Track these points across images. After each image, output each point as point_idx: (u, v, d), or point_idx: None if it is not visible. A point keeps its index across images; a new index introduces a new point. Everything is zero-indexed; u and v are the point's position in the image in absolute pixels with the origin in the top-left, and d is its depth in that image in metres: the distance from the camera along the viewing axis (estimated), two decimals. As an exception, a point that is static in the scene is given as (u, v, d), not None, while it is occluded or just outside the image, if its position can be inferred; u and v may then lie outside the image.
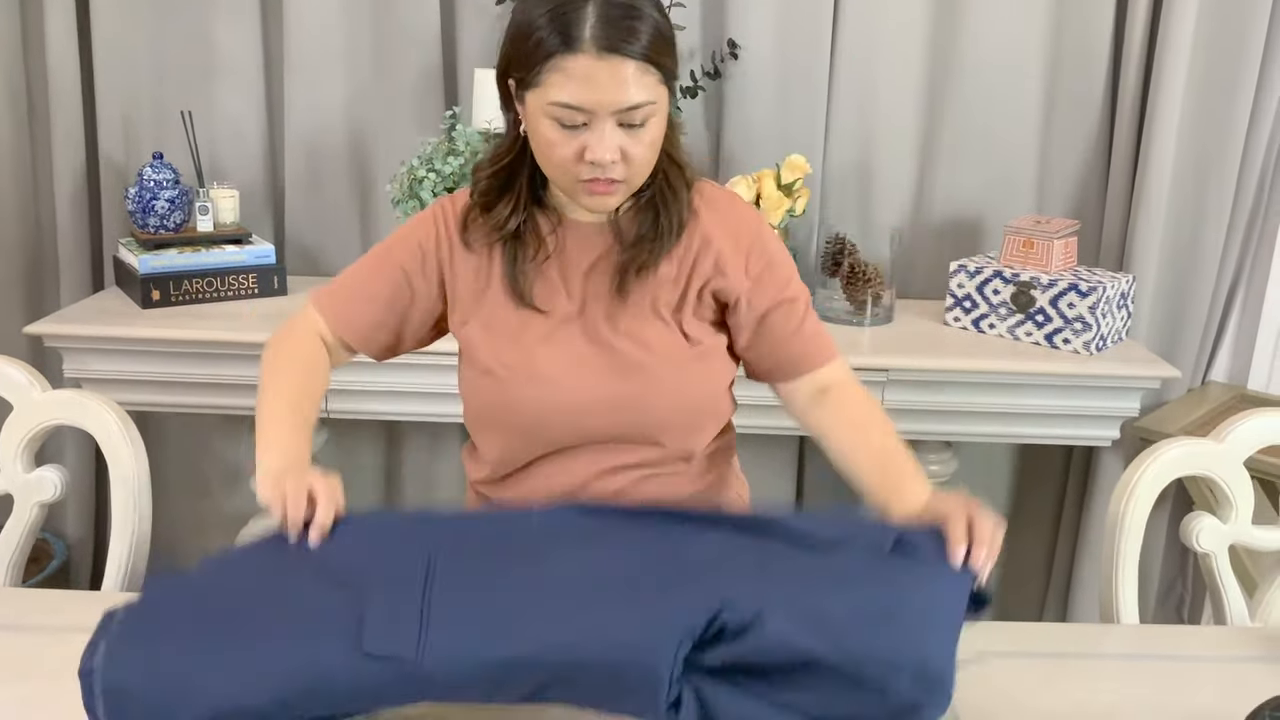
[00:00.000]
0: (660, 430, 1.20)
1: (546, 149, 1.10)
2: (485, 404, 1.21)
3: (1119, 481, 1.36)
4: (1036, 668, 1.17)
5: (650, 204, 1.18)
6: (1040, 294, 1.97)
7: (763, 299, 1.22)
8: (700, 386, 1.22)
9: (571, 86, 1.05)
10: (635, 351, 1.18)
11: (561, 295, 1.19)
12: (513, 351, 1.18)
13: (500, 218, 1.18)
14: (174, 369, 1.91)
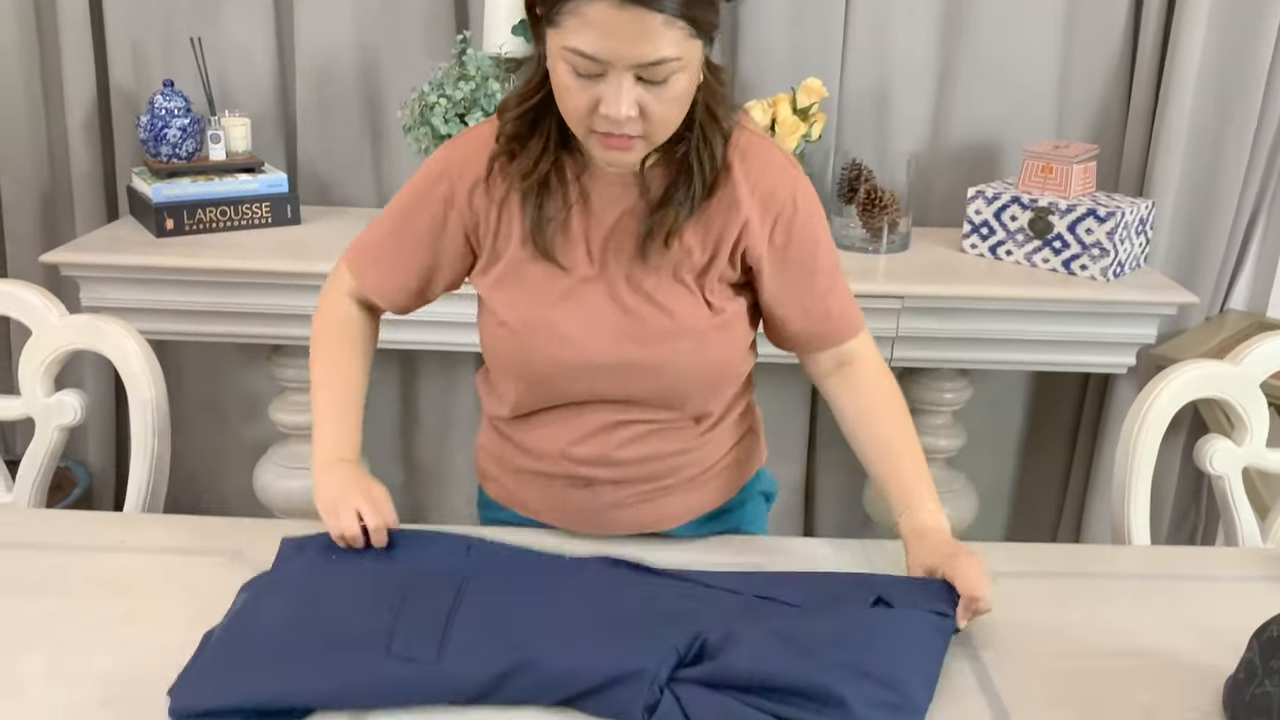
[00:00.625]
0: (677, 396, 1.18)
1: (561, 94, 1.04)
2: (501, 353, 1.19)
3: (1134, 403, 1.36)
4: (1047, 587, 1.18)
5: (683, 160, 1.10)
6: (1058, 219, 1.95)
7: (786, 270, 1.17)
8: (720, 354, 1.18)
9: (588, 34, 0.97)
10: (656, 317, 1.13)
11: (582, 251, 1.14)
12: (530, 307, 1.15)
13: (529, 162, 1.11)
14: (189, 297, 1.92)
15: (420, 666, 0.97)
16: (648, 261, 1.13)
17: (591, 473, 1.21)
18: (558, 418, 1.20)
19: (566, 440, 1.21)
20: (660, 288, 1.14)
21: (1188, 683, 1.03)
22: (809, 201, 1.17)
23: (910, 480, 1.17)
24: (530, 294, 1.15)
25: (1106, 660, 1.06)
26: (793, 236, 1.15)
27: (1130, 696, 1.01)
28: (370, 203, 2.24)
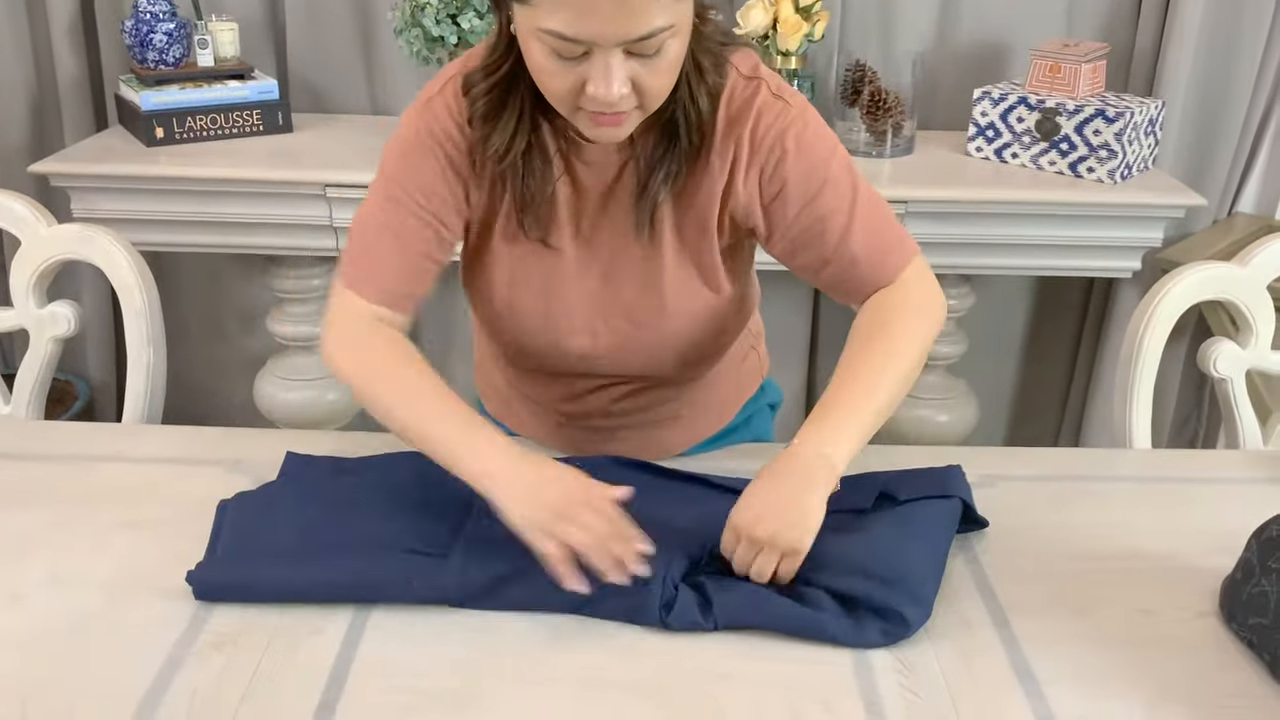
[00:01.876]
0: (672, 368, 1.15)
1: (540, 75, 0.92)
2: (488, 329, 1.15)
3: (1139, 305, 1.34)
4: (1048, 490, 1.18)
5: (670, 123, 0.99)
6: (1065, 121, 1.91)
7: (789, 220, 1.03)
8: (717, 327, 1.12)
9: (566, 14, 0.85)
10: (649, 297, 1.07)
11: (570, 229, 1.06)
12: (519, 290, 1.08)
13: (503, 141, 0.99)
14: (182, 207, 1.89)
15: (431, 558, 0.98)
16: (640, 235, 1.04)
17: (586, 421, 1.20)
18: (550, 378, 1.18)
19: (559, 396, 1.19)
20: (654, 264, 1.06)
21: (1186, 583, 1.03)
22: (805, 138, 1.02)
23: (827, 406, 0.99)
24: (518, 276, 1.08)
25: (1105, 562, 1.06)
26: (788, 181, 1.02)
27: (1128, 597, 1.01)
28: (363, 109, 2.19)
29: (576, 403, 1.19)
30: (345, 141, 2.00)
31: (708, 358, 1.18)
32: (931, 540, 1.03)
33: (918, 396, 2.15)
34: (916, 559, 0.99)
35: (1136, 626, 0.98)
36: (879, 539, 1.01)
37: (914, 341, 1.03)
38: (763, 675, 0.91)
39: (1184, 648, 0.95)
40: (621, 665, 0.92)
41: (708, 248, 1.06)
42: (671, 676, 0.91)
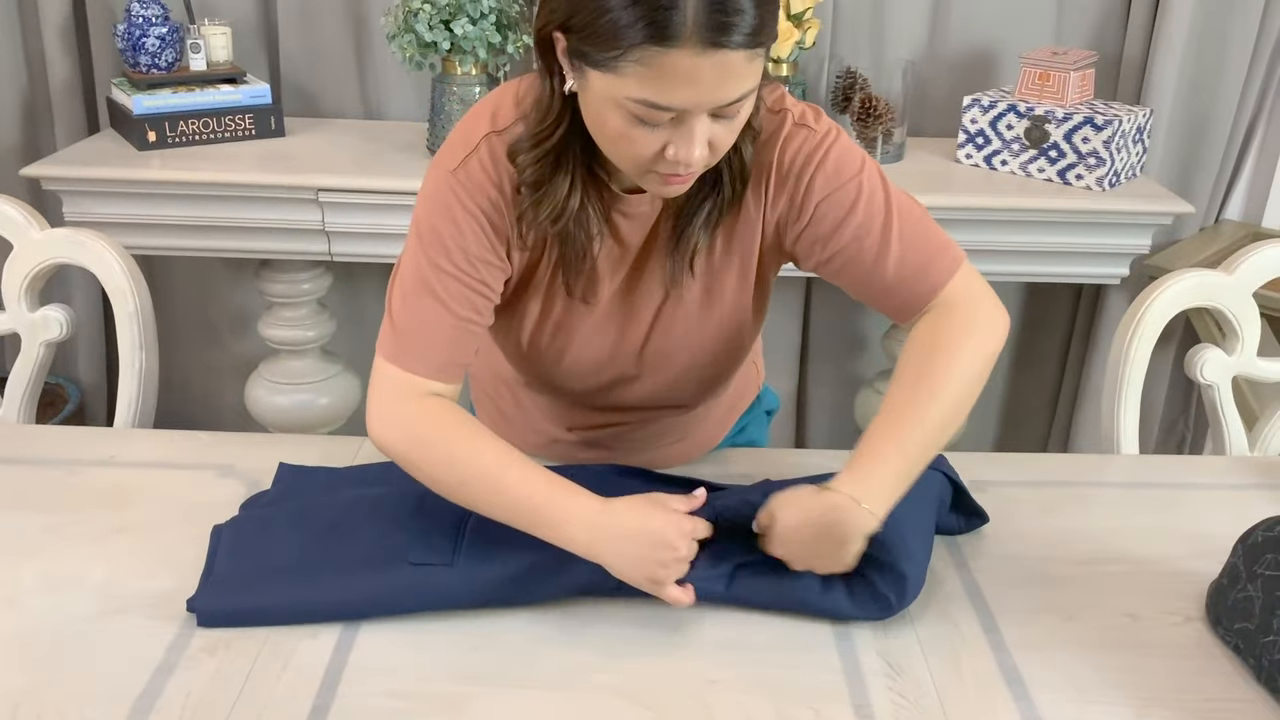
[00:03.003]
0: (690, 397, 1.17)
1: (617, 141, 0.89)
2: (507, 353, 1.15)
3: (1127, 311, 1.35)
4: (1037, 495, 1.19)
5: (712, 171, 0.98)
6: (1054, 128, 1.92)
7: (824, 249, 1.01)
8: (739, 357, 1.14)
9: (662, 85, 0.82)
10: (683, 340, 1.07)
11: (609, 284, 1.05)
12: (551, 337, 1.08)
13: (556, 205, 0.96)
14: (174, 211, 1.89)
15: (438, 570, 0.99)
16: (675, 283, 1.03)
17: (589, 439, 1.21)
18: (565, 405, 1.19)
19: (568, 421, 1.20)
20: (689, 308, 1.06)
21: (1172, 588, 1.04)
22: (831, 160, 1.00)
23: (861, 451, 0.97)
24: (553, 324, 1.07)
25: (1093, 567, 1.07)
26: (818, 205, 1.00)
27: (1116, 602, 1.02)
28: (356, 113, 2.19)
29: (585, 430, 1.20)
30: (338, 146, 2.00)
31: (725, 382, 1.19)
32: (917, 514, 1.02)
33: (908, 402, 2.16)
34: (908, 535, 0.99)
35: (1124, 631, 0.99)
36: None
37: (961, 373, 0.99)
38: (752, 680, 0.92)
39: (1170, 652, 0.96)
40: (613, 670, 0.92)
41: (744, 287, 1.06)
42: (662, 681, 0.91)
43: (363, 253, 1.94)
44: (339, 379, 2.18)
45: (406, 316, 1.00)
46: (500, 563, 0.98)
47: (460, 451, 0.98)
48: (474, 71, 1.92)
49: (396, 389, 1.00)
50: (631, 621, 0.98)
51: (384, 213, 1.86)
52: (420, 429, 0.99)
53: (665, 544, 0.92)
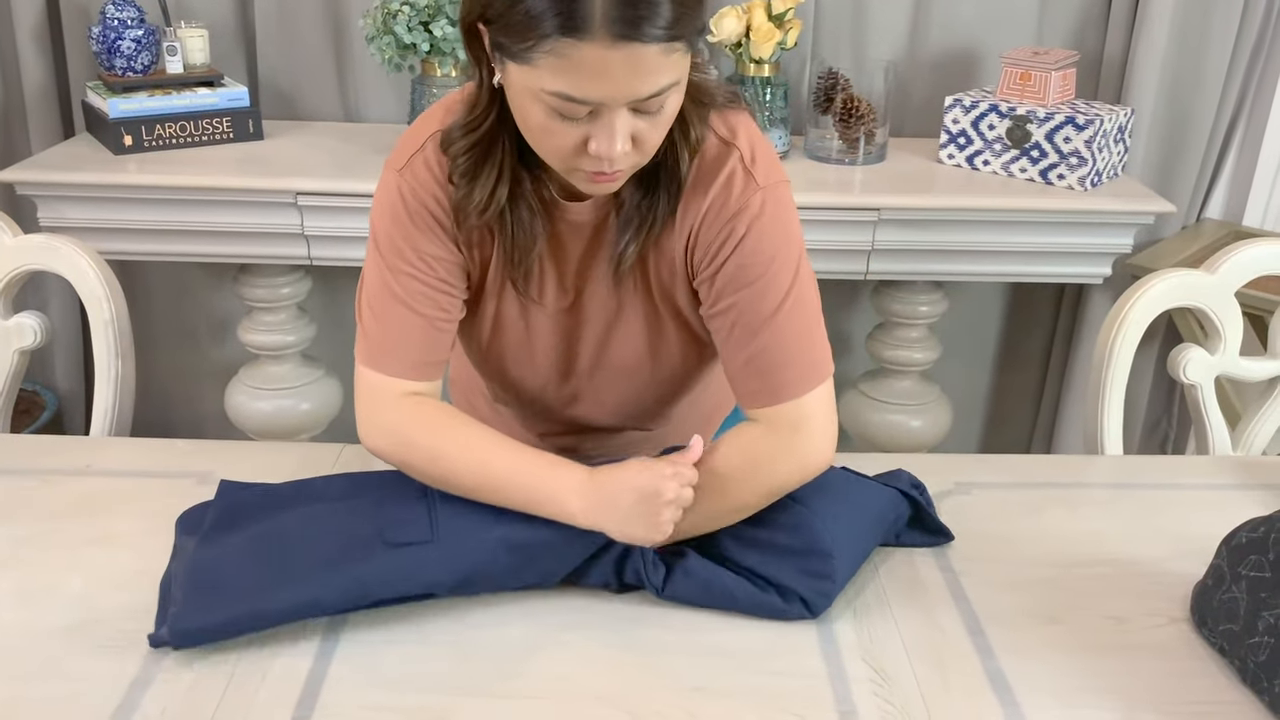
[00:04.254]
0: (653, 411, 1.16)
1: (539, 134, 0.89)
2: (471, 357, 1.15)
3: (1110, 311, 1.35)
4: (1021, 497, 1.18)
5: (651, 174, 0.97)
6: (1036, 128, 1.92)
7: (724, 302, 0.99)
8: (699, 370, 1.13)
9: (574, 77, 0.82)
10: (631, 346, 1.07)
11: (554, 283, 1.04)
12: (503, 338, 1.08)
13: (482, 198, 0.96)
14: (151, 216, 1.87)
15: (419, 549, 0.96)
16: (619, 286, 1.03)
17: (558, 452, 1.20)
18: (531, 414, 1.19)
19: (537, 432, 1.20)
20: (634, 313, 1.05)
21: (1157, 589, 1.04)
22: (756, 229, 0.97)
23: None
24: (504, 324, 1.07)
25: (1078, 569, 1.07)
26: (724, 266, 0.98)
27: (1101, 604, 1.02)
28: (335, 116, 2.18)
29: (557, 437, 1.20)
30: (317, 149, 1.99)
31: (689, 397, 1.18)
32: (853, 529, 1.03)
33: (890, 402, 2.16)
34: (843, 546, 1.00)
35: (1109, 634, 0.98)
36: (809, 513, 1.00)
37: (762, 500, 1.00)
38: (737, 687, 0.91)
39: (1156, 655, 0.96)
40: (595, 678, 0.92)
41: (683, 294, 1.04)
42: (645, 689, 0.90)
43: (342, 256, 1.92)
44: (320, 384, 2.16)
45: (374, 322, 1.01)
46: (479, 536, 0.97)
47: (446, 446, 0.99)
48: (453, 73, 1.91)
49: (377, 394, 1.02)
50: (615, 628, 0.97)
51: (364, 216, 1.80)
52: (405, 430, 1.00)
53: (654, 494, 0.93)
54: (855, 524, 1.03)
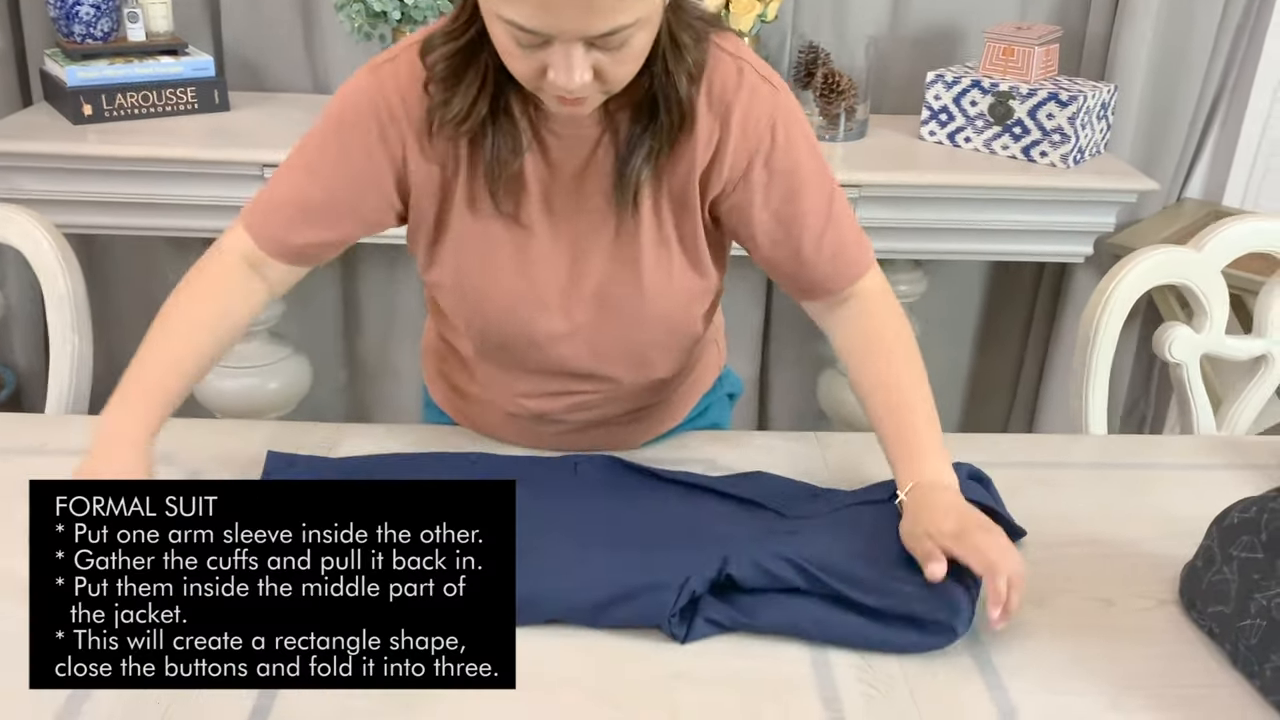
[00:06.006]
0: (639, 364, 1.11)
1: (505, 56, 0.89)
2: (450, 314, 1.10)
3: (1095, 289, 1.33)
4: (1004, 477, 1.15)
5: (649, 99, 0.95)
6: (1019, 104, 1.89)
7: (769, 213, 1.01)
8: (694, 316, 1.09)
9: (525, 9, 0.82)
10: (626, 279, 1.02)
11: (539, 205, 1.01)
12: (482, 273, 1.02)
13: (464, 105, 0.94)
14: (113, 189, 1.81)
15: None
16: (620, 214, 1.00)
17: (544, 417, 1.16)
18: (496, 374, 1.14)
19: (520, 392, 1.14)
20: (630, 243, 1.01)
21: (1145, 571, 1.02)
22: (790, 128, 1.00)
23: (920, 437, 1.01)
24: (481, 256, 1.02)
25: (1063, 550, 1.05)
26: (774, 174, 1.00)
27: (1087, 587, 1.00)
28: (303, 87, 2.12)
29: (535, 399, 1.14)
30: (284, 120, 1.93)
31: (683, 349, 1.14)
32: None
33: (871, 382, 2.14)
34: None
35: (1097, 616, 0.96)
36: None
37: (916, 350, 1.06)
38: (718, 673, 0.88)
39: (1145, 637, 0.94)
40: (570, 665, 0.89)
41: (689, 226, 1.03)
42: (623, 676, 0.87)
43: (311, 231, 1.87)
44: (288, 363, 2.11)
45: (272, 189, 1.03)
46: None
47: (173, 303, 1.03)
48: (426, 43, 1.85)
49: (229, 242, 1.03)
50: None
51: (333, 190, 1.80)
52: (193, 276, 1.04)
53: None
54: None
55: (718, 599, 0.93)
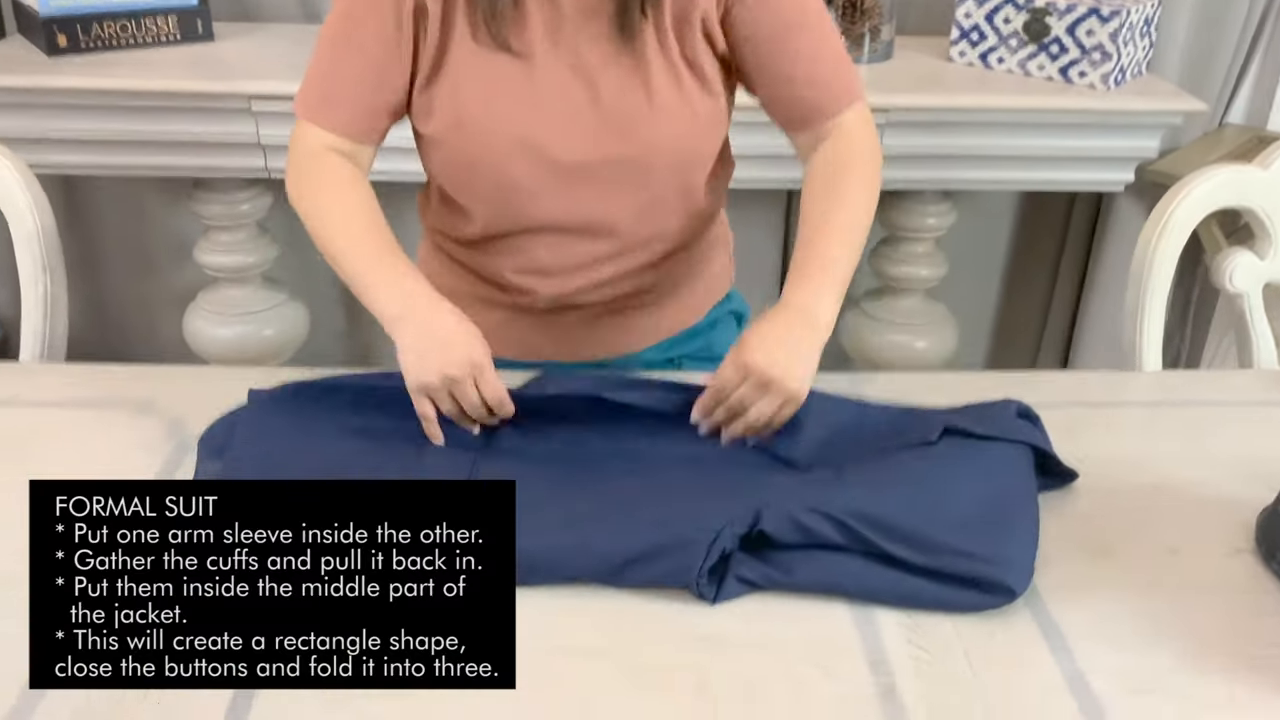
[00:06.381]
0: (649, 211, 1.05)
1: None
2: (455, 164, 1.04)
3: (1150, 216, 1.22)
4: (1056, 418, 1.05)
5: None
6: (1056, 21, 1.77)
7: (762, 27, 1.01)
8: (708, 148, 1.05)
9: None
10: (635, 102, 0.99)
11: (542, 36, 0.99)
12: (485, 101, 0.99)
13: None
14: (91, 125, 1.71)
15: None
16: (621, 36, 0.98)
17: (544, 305, 1.11)
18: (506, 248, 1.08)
19: (521, 267, 1.09)
20: (638, 68, 0.99)
21: (1216, 518, 0.93)
22: None
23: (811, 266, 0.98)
24: (483, 86, 0.99)
25: (1124, 496, 0.96)
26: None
27: (1153, 535, 0.91)
28: (292, 16, 2.00)
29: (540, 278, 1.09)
30: (272, 51, 1.82)
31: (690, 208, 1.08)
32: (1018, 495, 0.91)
33: (894, 321, 2.04)
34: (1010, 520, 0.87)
35: (1165, 568, 0.88)
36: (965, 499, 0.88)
37: (872, 194, 1.04)
38: (752, 637, 0.80)
39: (1221, 590, 0.85)
40: (587, 629, 0.80)
41: (694, 46, 1.01)
42: (650, 639, 0.79)
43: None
44: (284, 309, 2.02)
45: (319, 69, 1.02)
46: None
47: (319, 208, 1.01)
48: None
49: (302, 148, 1.03)
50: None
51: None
52: (305, 183, 1.02)
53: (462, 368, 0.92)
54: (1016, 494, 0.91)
55: (750, 555, 0.84)
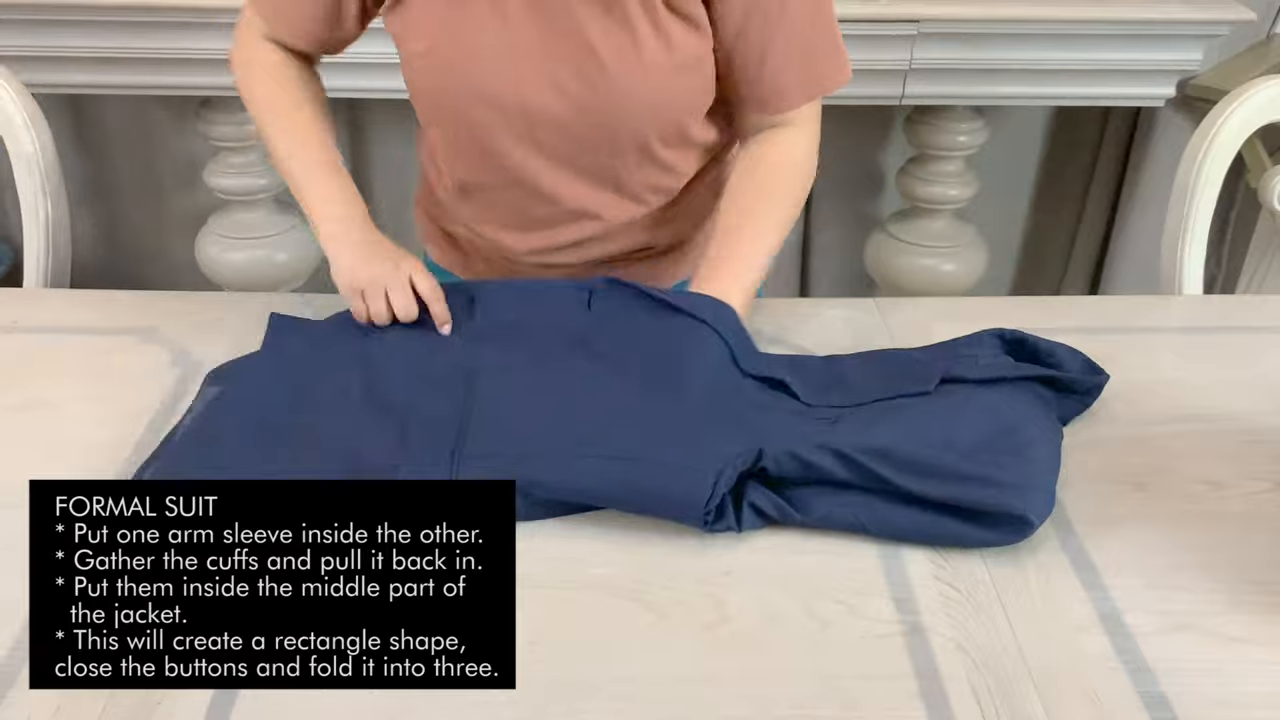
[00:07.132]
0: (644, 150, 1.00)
1: None
2: (424, 92, 1.00)
3: (1196, 132, 1.16)
4: (1090, 345, 1.01)
5: None
6: (1097, -75, 1.68)
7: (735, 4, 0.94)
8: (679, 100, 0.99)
9: None
10: (619, 39, 0.94)
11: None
12: (454, 30, 0.95)
13: None
14: (90, 41, 1.66)
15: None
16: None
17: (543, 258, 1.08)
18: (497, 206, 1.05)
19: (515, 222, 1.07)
20: (608, 18, 0.93)
21: (1258, 448, 0.89)
22: None
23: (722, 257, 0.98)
24: (453, 13, 0.95)
25: (1162, 426, 0.92)
26: None
27: (1192, 467, 0.88)
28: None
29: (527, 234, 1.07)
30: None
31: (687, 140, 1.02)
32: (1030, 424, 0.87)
33: (921, 244, 1.98)
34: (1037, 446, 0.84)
35: (1204, 501, 0.84)
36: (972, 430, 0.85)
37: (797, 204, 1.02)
38: (772, 571, 0.77)
39: (1263, 525, 0.82)
40: (599, 561, 0.78)
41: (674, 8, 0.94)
42: (667, 573, 0.77)
43: (313, 86, 1.72)
44: (296, 233, 1.98)
45: None
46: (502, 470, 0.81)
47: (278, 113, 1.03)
48: None
49: (247, 33, 1.05)
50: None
51: (333, 38, 1.64)
52: (252, 79, 1.04)
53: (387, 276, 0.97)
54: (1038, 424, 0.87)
55: (762, 486, 0.81)
